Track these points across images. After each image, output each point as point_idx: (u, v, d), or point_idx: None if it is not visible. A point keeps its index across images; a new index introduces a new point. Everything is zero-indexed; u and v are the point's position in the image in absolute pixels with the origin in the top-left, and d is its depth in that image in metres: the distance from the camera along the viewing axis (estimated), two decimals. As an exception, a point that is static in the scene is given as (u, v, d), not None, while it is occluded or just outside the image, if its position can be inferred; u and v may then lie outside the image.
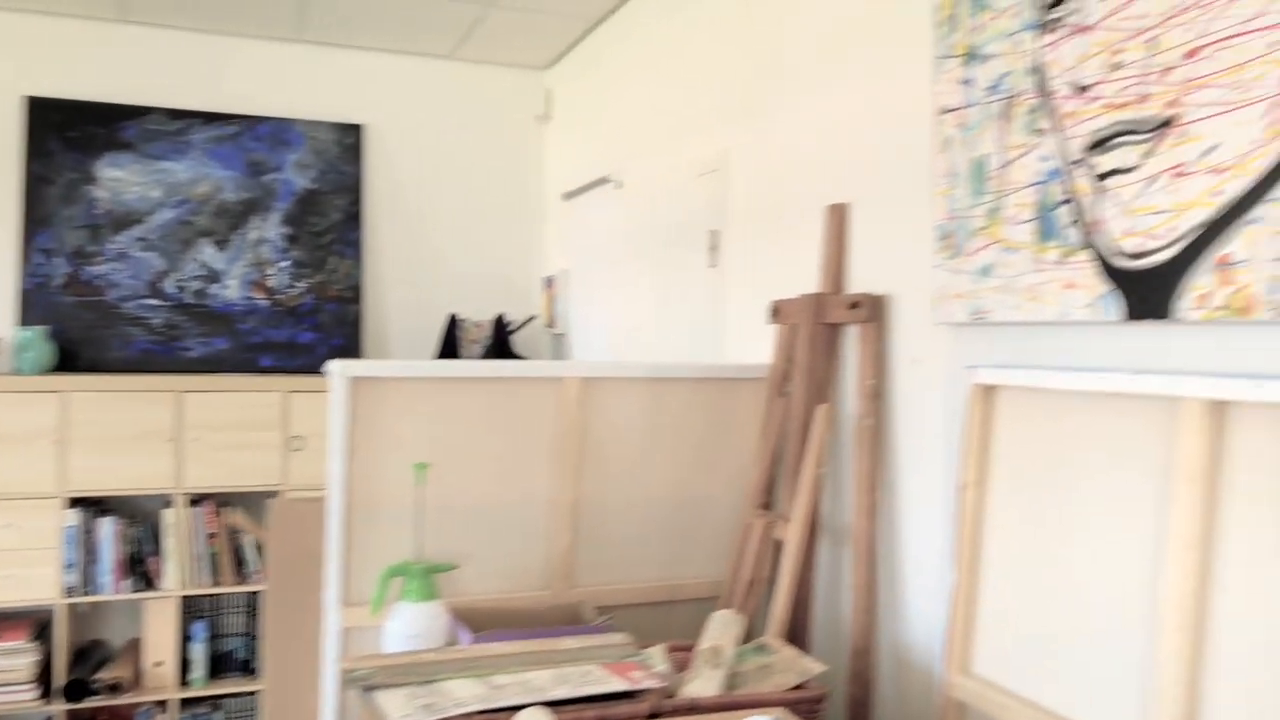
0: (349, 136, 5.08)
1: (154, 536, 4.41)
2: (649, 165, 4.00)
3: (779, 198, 3.00)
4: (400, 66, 5.18)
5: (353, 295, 5.06)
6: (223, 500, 4.57)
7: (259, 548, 4.49)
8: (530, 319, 5.15)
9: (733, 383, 2.93)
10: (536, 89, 5.39)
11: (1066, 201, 1.86)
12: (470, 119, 5.30)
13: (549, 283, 5.18)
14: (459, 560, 2.68)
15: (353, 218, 5.08)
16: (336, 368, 2.48)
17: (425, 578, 2.47)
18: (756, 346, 3.13)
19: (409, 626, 2.43)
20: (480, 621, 2.60)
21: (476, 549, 2.70)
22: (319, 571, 2.85)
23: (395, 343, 5.17)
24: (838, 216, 2.66)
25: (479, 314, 5.27)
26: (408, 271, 5.20)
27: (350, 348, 5.02)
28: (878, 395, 2.47)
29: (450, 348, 4.93)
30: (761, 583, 2.69)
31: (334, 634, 2.54)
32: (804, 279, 2.87)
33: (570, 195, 4.90)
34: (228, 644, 4.55)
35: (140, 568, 4.34)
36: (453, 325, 4.96)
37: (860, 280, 2.59)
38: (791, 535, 2.52)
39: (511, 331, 4.98)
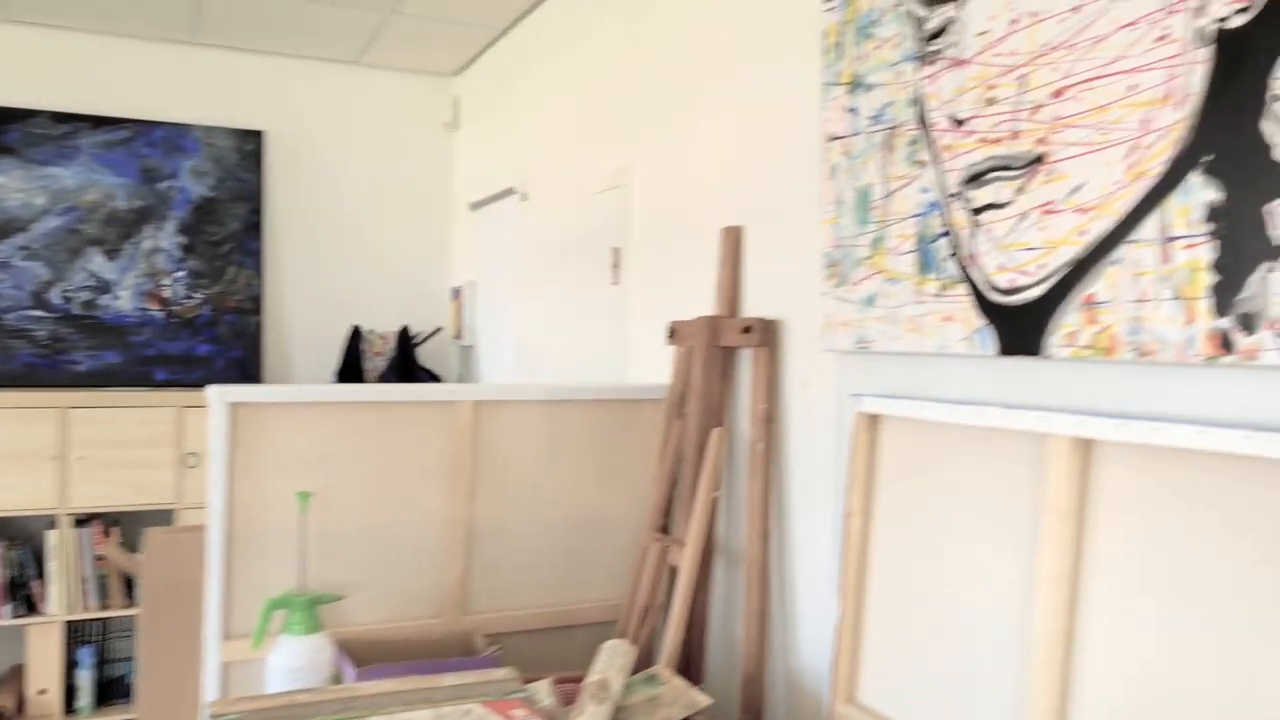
0: (249, 143, 4.93)
1: (37, 559, 4.22)
2: (554, 178, 3.95)
3: (678, 217, 2.98)
4: (303, 72, 5.05)
5: (253, 306, 4.92)
6: (112, 520, 4.40)
7: (128, 581, 4.29)
8: (436, 330, 5.07)
9: (632, 404, 2.91)
10: (444, 96, 5.31)
11: (945, 234, 1.87)
12: (376, 126, 5.19)
13: (457, 293, 5.10)
14: (347, 589, 2.60)
15: (253, 227, 4.94)
16: (215, 393, 2.39)
17: (309, 609, 2.39)
18: (659, 366, 3.11)
19: (292, 661, 2.35)
20: (367, 653, 2.53)
21: (366, 577, 2.63)
22: (197, 604, 2.75)
23: (297, 355, 5.04)
24: (732, 239, 2.65)
25: (385, 325, 5.17)
26: (311, 282, 5.08)
27: (250, 360, 4.88)
28: (770, 419, 2.47)
29: (353, 360, 4.82)
30: (656, 608, 2.66)
31: (213, 670, 2.44)
32: (704, 300, 2.85)
33: (477, 205, 4.83)
34: (117, 669, 4.38)
35: (23, 591, 4.15)
36: (356, 337, 4.85)
37: (755, 303, 2.59)
38: (685, 561, 2.50)
39: (417, 343, 4.89)
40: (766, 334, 2.47)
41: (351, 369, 4.82)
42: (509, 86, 4.51)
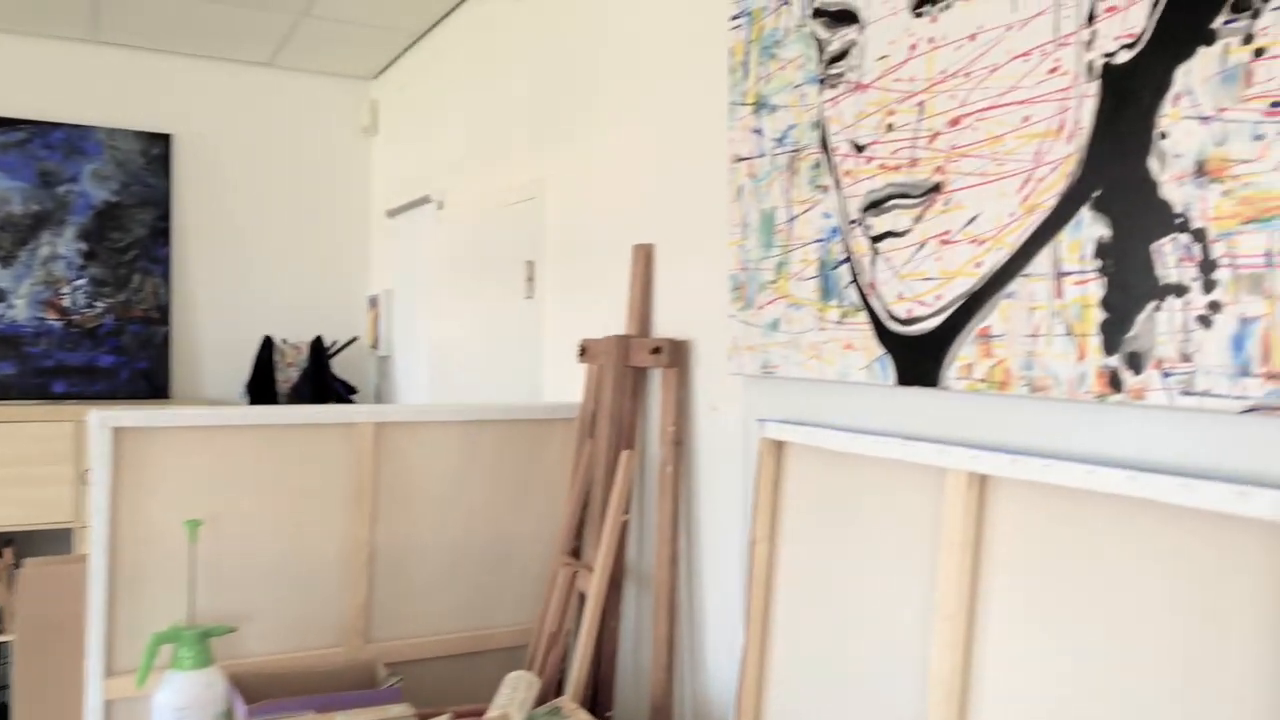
0: (156, 146, 4.76)
1: (-77, 583, 4.01)
2: (469, 187, 3.87)
3: (591, 232, 2.93)
4: (213, 73, 4.88)
5: (160, 316, 4.75)
6: (6, 540, 4.20)
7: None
8: (352, 340, 4.94)
9: (543, 423, 2.84)
10: (362, 100, 5.18)
11: (846, 261, 1.84)
12: (291, 130, 5.05)
13: (373, 303, 4.98)
14: (242, 620, 2.49)
15: (160, 233, 4.77)
16: (96, 419, 2.28)
17: (198, 643, 2.29)
18: (574, 383, 3.05)
19: (179, 698, 2.24)
20: (262, 687, 2.42)
21: (262, 607, 2.53)
22: (79, 639, 2.62)
23: (208, 366, 4.88)
24: (643, 257, 2.60)
25: (300, 335, 5.03)
26: (222, 290, 4.91)
27: (157, 372, 4.71)
28: (679, 442, 2.42)
29: (264, 372, 4.67)
30: (565, 635, 2.60)
31: (95, 709, 2.32)
32: (618, 317, 2.80)
33: (394, 212, 4.72)
34: (2, 695, 4.18)
35: (-93, 618, 3.94)
36: (268, 347, 4.70)
37: (666, 323, 2.54)
38: (593, 587, 2.44)
39: (331, 354, 4.76)
40: (676, 355, 2.42)
41: (263, 381, 4.68)
42: (427, 91, 4.41)
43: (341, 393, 4.69)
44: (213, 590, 2.46)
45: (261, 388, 4.66)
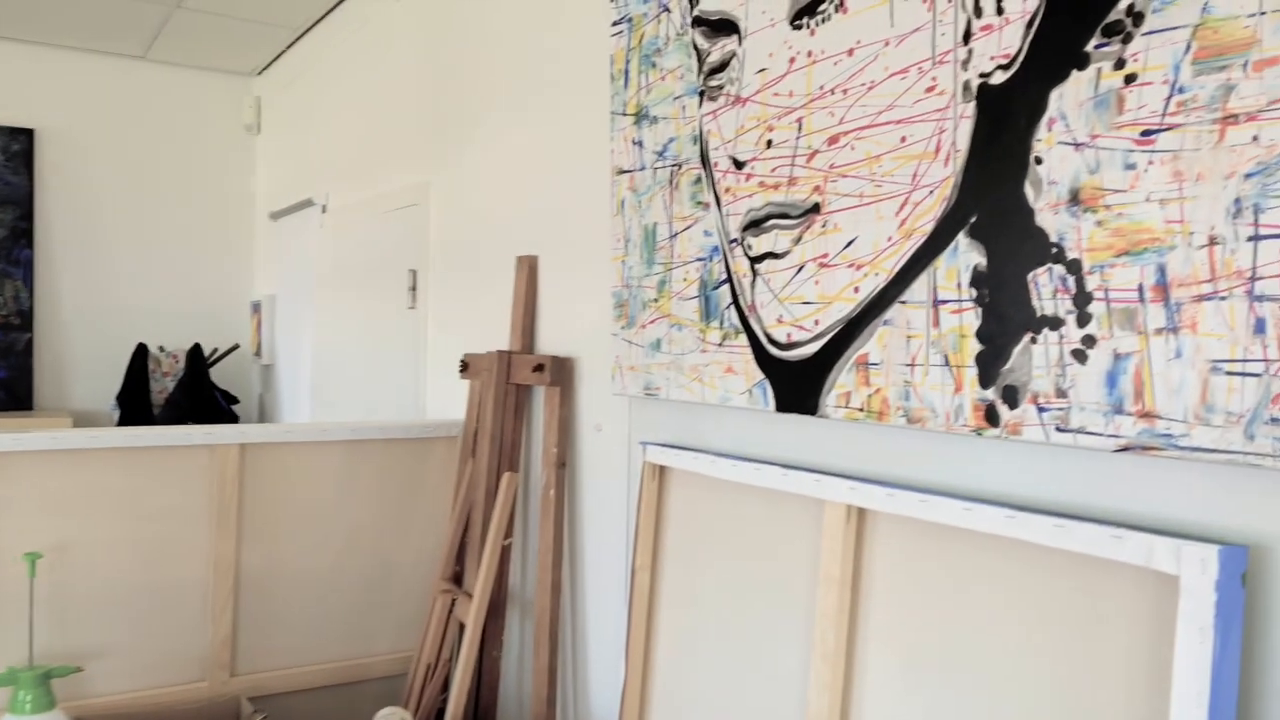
0: (16, 142, 4.47)
1: None
2: (353, 191, 3.71)
3: (476, 240, 2.81)
4: (80, 65, 4.60)
5: (21, 322, 4.46)
6: None
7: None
8: (233, 348, 4.72)
9: (424, 442, 2.71)
10: (246, 96, 4.95)
11: (727, 281, 1.77)
12: (167, 126, 4.79)
13: (256, 308, 4.77)
14: (93, 658, 2.31)
15: (23, 234, 4.48)
16: (-81, 446, 2.08)
17: (39, 685, 2.11)
18: (458, 399, 2.93)
19: (16, 747, 2.06)
20: (112, 732, 2.25)
21: (118, 642, 2.35)
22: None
23: (77, 375, 4.60)
24: (527, 269, 2.50)
25: (179, 342, 4.78)
26: (92, 295, 4.64)
27: (18, 381, 4.42)
28: (562, 464, 2.33)
29: (138, 381, 4.42)
30: (443, 666, 2.48)
31: (-80, 763, 2.12)
32: (502, 331, 2.69)
33: (278, 215, 4.52)
34: None
35: None
36: (141, 356, 4.45)
37: (550, 338, 2.44)
38: (471, 617, 2.33)
39: (211, 363, 4.53)
40: (559, 373, 2.32)
41: (137, 391, 4.43)
42: (311, 89, 4.22)
43: (221, 404, 4.47)
44: (60, 627, 2.28)
45: (135, 399, 4.41)
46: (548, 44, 2.45)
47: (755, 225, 1.70)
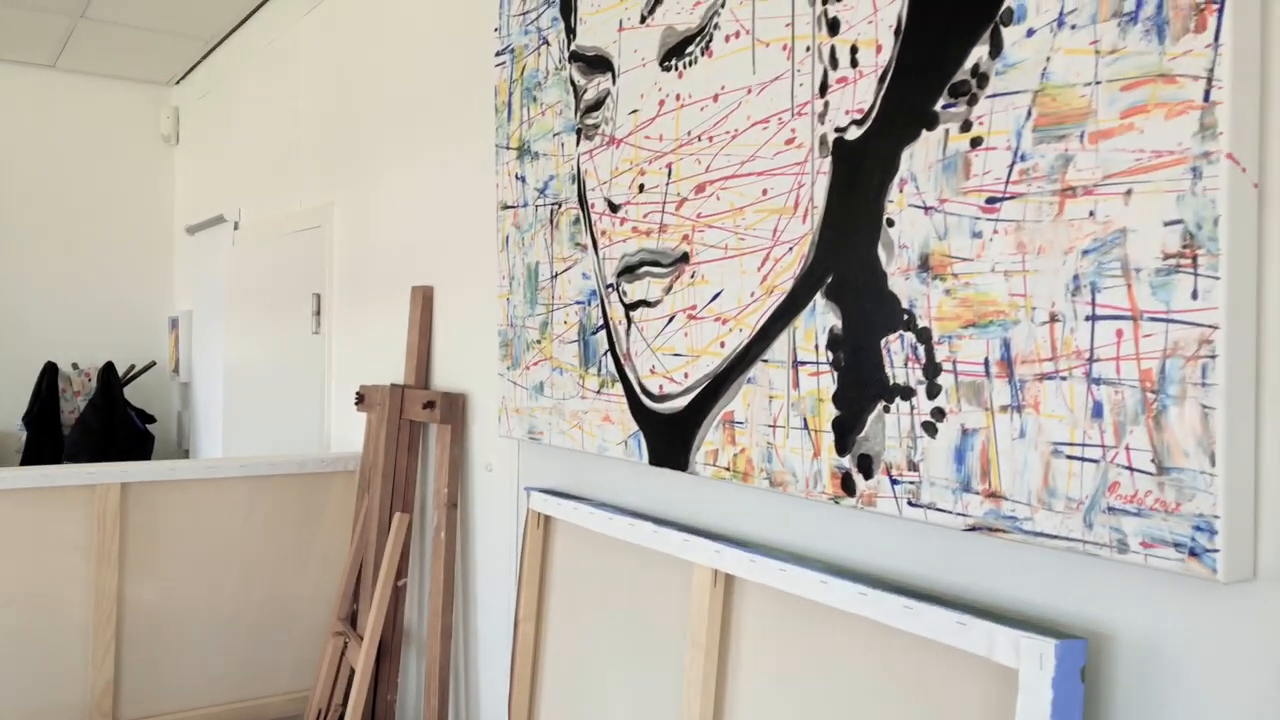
0: (-82, 152, 4.30)
1: None
2: (263, 208, 3.60)
3: (377, 267, 2.72)
4: (-13, 73, 4.44)
5: (-75, 340, 4.29)
6: None
7: None
8: (149, 365, 4.58)
9: (321, 476, 2.63)
10: (163, 106, 4.81)
11: (604, 327, 1.70)
12: (79, 136, 4.63)
13: (174, 324, 4.63)
14: (-43, 714, 2.21)
15: (-75, 248, 4.31)
16: None
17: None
18: (360, 428, 2.84)
19: None
20: (-23, 791, 2.15)
21: (-13, 694, 2.24)
22: None
23: (-16, 394, 4.44)
24: (422, 300, 2.42)
25: (96, 360, 4.62)
26: (3, 310, 4.47)
27: (-79, 403, 4.25)
28: (453, 504, 2.25)
29: (48, 401, 4.27)
30: (335, 710, 2.40)
31: None
32: (401, 362, 2.60)
33: (194, 229, 4.39)
34: None
35: None
36: (50, 374, 4.30)
37: (445, 372, 2.37)
38: (360, 661, 2.25)
39: (125, 381, 4.39)
40: (450, 410, 2.25)
41: (46, 410, 4.28)
42: (225, 102, 4.10)
43: (137, 423, 4.33)
44: (-80, 682, 2.17)
45: (44, 420, 4.26)
46: (441, 70, 2.37)
47: (630, 271, 1.64)
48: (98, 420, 4.21)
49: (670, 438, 1.55)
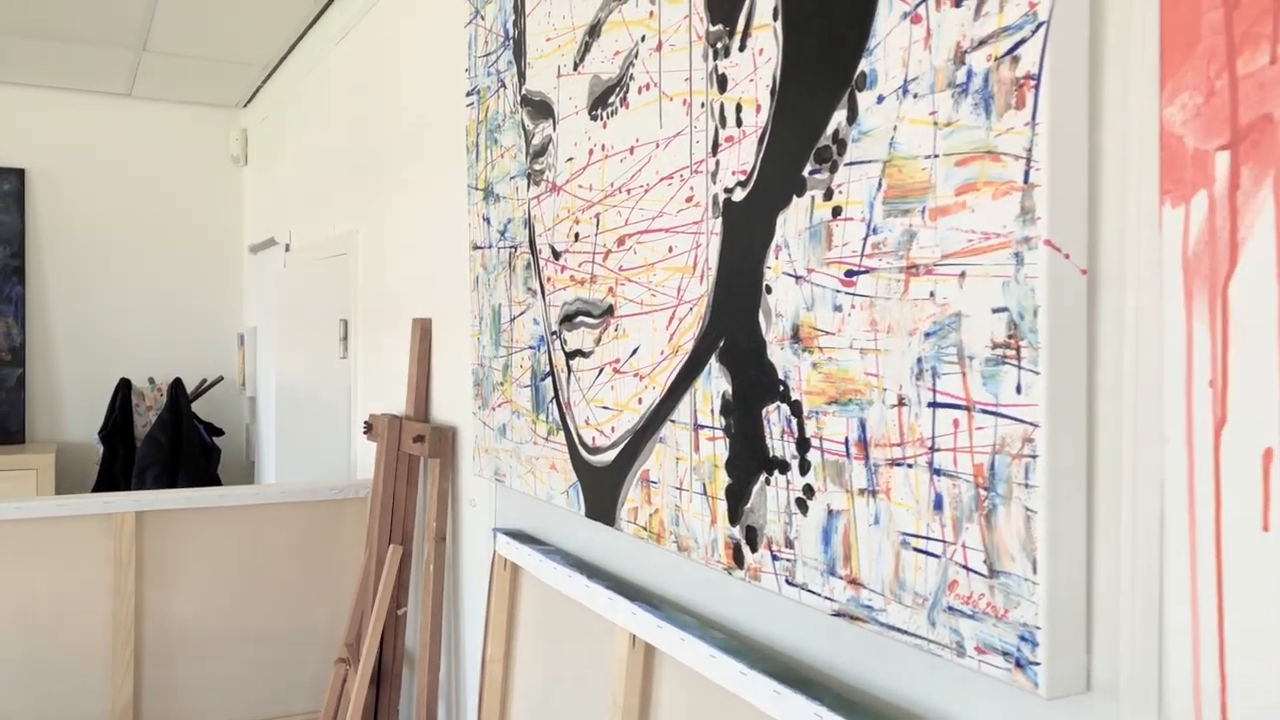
0: (7, 181, 4.57)
1: None
2: (308, 232, 3.71)
3: (391, 297, 2.77)
4: (68, 104, 4.69)
5: (13, 357, 4.56)
6: None
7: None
8: (217, 380, 4.77)
9: (336, 503, 2.69)
10: (231, 128, 4.99)
11: (550, 374, 1.70)
12: (155, 160, 4.85)
13: (242, 340, 4.81)
14: (-15, 729, 2.34)
15: (14, 271, 4.58)
16: None
17: (-76, 762, 2.14)
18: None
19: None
20: (-1, 804, 2.27)
21: (12, 712, 2.37)
22: None
23: (67, 409, 4.69)
24: (421, 332, 2.45)
25: (170, 374, 4.84)
26: (83, 328, 4.73)
27: (11, 414, 4.52)
28: (442, 538, 2.27)
29: (122, 415, 4.49)
30: (336, 736, 2.46)
31: None
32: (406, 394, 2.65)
33: (256, 249, 4.55)
34: None
35: None
36: (125, 390, 4.52)
37: (443, 405, 2.39)
38: (355, 690, 2.29)
39: (194, 396, 4.58)
40: (439, 444, 2.27)
41: (121, 425, 4.50)
42: (281, 126, 4.24)
43: (204, 437, 4.51)
44: (-49, 698, 2.30)
45: (119, 434, 4.48)
46: (440, 104, 2.39)
47: (568, 320, 1.63)
48: (165, 434, 4.40)
49: (602, 491, 1.53)
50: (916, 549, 0.95)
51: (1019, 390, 0.84)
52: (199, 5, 3.41)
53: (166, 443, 4.36)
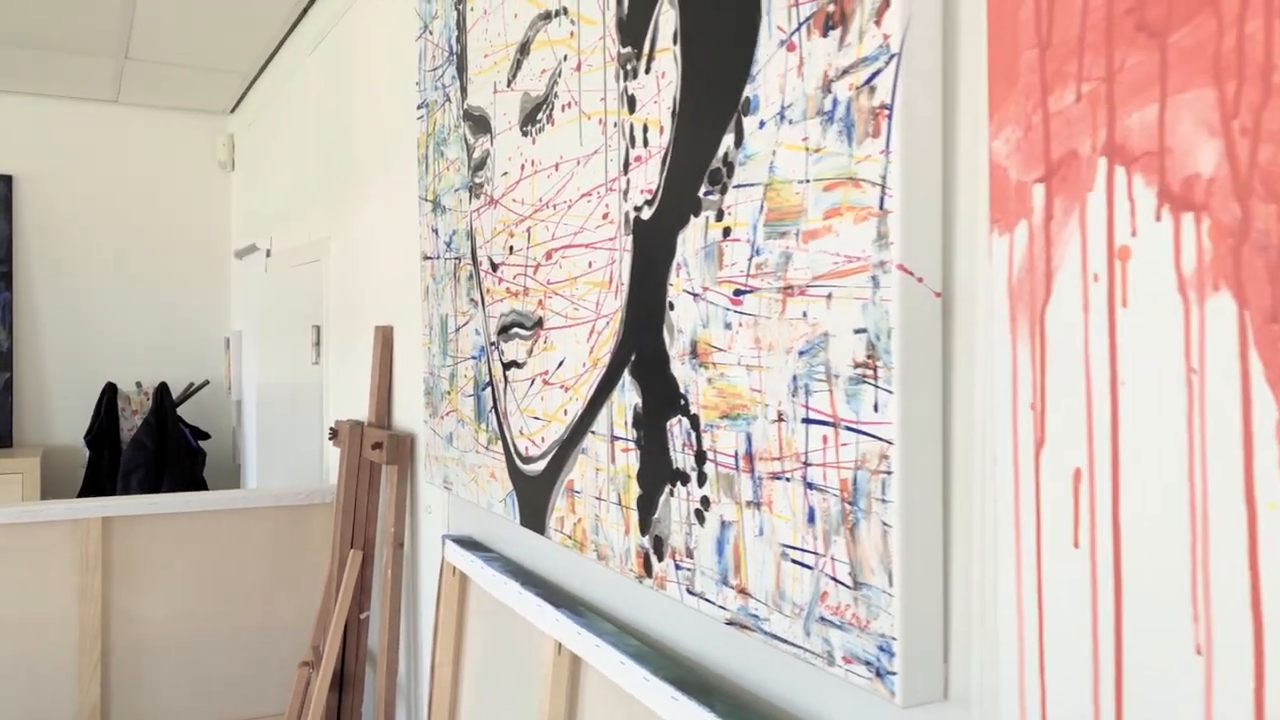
0: (-6, 187, 4.61)
1: None
2: (285, 238, 3.74)
3: (358, 304, 2.81)
4: (55, 111, 4.73)
5: (1, 362, 4.61)
6: None
7: None
8: (204, 384, 4.81)
9: (303, 509, 2.72)
10: (219, 134, 5.04)
11: (490, 384, 1.73)
12: (142, 166, 4.90)
13: (229, 344, 4.85)
14: (-47, 731, 2.38)
15: (2, 277, 4.63)
16: None
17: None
18: (343, 459, 2.93)
19: None
20: (-34, 805, 2.31)
21: (-15, 712, 2.41)
22: None
23: (55, 413, 4.74)
24: (383, 339, 2.48)
25: (157, 378, 4.89)
26: (71, 333, 4.77)
27: (-2, 420, 4.57)
28: (400, 544, 2.31)
29: (107, 419, 4.54)
30: (299, 738, 2.49)
31: None
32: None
33: (240, 254, 4.59)
34: None
35: None
36: (110, 394, 4.57)
37: (403, 412, 2.43)
38: (315, 694, 2.33)
39: (179, 400, 4.62)
40: (397, 450, 2.31)
41: (107, 429, 4.54)
42: (264, 132, 4.28)
43: (190, 440, 4.56)
44: (-81, 701, 2.34)
45: (105, 438, 4.52)
46: (402, 114, 2.43)
47: (505, 331, 1.66)
48: (151, 438, 4.44)
49: (534, 500, 1.56)
50: (794, 560, 0.98)
51: (876, 409, 0.87)
52: (176, 13, 3.45)
53: (152, 446, 4.41)
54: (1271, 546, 0.58)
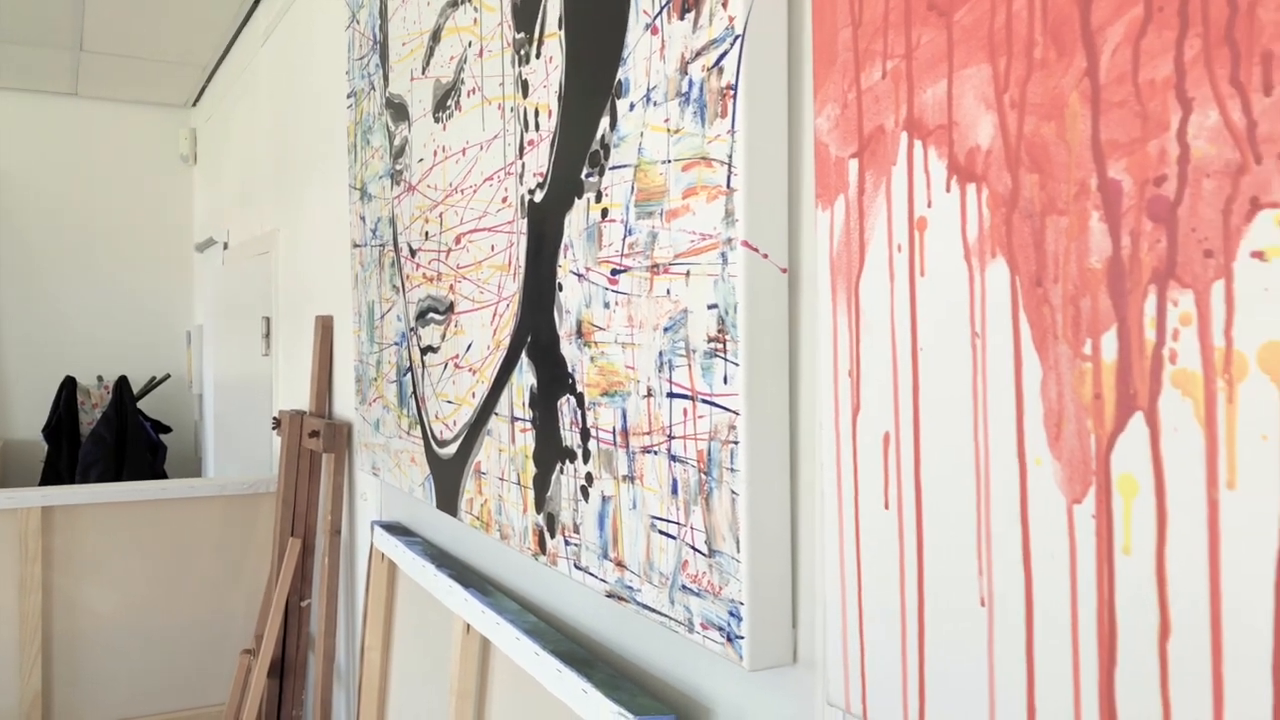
0: (-49, 181, 4.59)
1: None
2: (240, 230, 3.75)
3: (303, 295, 2.82)
4: (12, 104, 4.71)
5: (-41, 356, 4.59)
6: None
7: None
8: (165, 378, 4.80)
9: (248, 498, 2.73)
10: (180, 128, 5.02)
11: (410, 370, 1.75)
12: (103, 159, 4.88)
13: (189, 338, 4.85)
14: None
15: (-41, 270, 4.60)
16: None
17: None
18: (291, 449, 2.94)
19: None
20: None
21: (-75, 701, 2.42)
22: None
23: (13, 407, 4.72)
24: (323, 329, 2.50)
25: (119, 372, 4.88)
26: (31, 327, 4.75)
27: (-45, 415, 4.55)
28: (337, 531, 2.32)
29: (66, 413, 4.53)
30: (240, 726, 2.51)
31: None
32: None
33: (200, 248, 4.58)
34: None
35: None
36: (70, 388, 4.55)
37: (343, 401, 2.44)
38: (255, 681, 2.34)
39: (139, 395, 4.62)
40: (334, 439, 2.32)
41: (67, 424, 4.53)
42: (222, 126, 4.27)
43: (151, 434, 4.55)
44: None
45: (63, 432, 4.51)
46: (339, 105, 2.44)
47: (422, 316, 1.68)
48: (110, 432, 4.44)
49: (448, 483, 1.58)
50: (661, 531, 1.01)
51: (725, 381, 0.90)
52: (127, 5, 3.44)
53: (111, 440, 4.40)
54: (1038, 501, 0.61)
